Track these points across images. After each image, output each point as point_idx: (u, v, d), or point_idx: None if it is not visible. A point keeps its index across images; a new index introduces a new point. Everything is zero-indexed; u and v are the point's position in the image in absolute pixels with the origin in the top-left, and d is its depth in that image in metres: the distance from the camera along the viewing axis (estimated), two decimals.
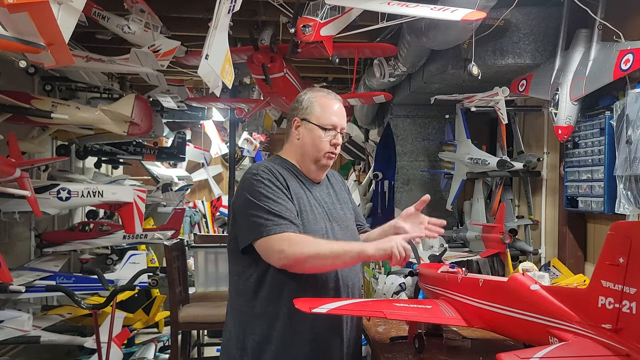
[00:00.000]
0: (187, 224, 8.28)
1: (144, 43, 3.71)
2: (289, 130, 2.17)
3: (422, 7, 2.72)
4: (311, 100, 2.11)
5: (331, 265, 1.95)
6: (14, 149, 3.75)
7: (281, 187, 1.99)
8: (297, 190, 2.04)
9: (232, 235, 2.05)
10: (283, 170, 2.06)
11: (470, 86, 3.71)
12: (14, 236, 4.84)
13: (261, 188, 1.95)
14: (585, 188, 2.96)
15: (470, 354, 2.10)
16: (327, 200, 2.15)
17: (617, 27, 2.72)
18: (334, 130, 2.09)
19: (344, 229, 2.15)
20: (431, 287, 2.29)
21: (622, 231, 1.37)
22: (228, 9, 2.43)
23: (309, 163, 2.11)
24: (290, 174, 2.08)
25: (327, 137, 2.08)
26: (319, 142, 2.07)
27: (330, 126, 2.08)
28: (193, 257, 5.13)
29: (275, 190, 1.96)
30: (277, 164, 2.09)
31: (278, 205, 1.93)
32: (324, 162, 2.11)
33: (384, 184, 5.00)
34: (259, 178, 1.97)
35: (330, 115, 2.09)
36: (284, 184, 2.01)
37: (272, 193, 1.95)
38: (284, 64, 3.91)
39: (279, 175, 2.01)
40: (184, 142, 6.73)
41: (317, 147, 2.08)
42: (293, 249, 1.86)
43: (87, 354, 4.61)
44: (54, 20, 2.07)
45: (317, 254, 1.87)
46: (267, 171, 2.00)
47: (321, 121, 2.08)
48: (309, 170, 2.13)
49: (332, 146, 2.09)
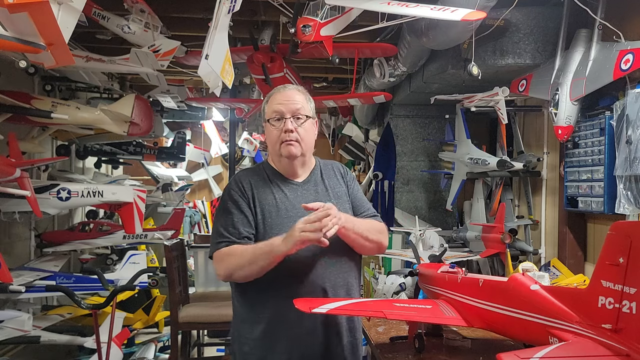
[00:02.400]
0: (187, 224, 8.27)
1: (144, 43, 3.70)
2: None
3: (422, 7, 2.72)
4: (266, 101, 2.13)
5: (252, 271, 1.90)
6: (14, 149, 3.75)
7: (238, 198, 2.02)
8: (264, 196, 2.04)
9: None
10: (254, 178, 2.09)
11: (470, 86, 3.71)
12: (14, 236, 4.84)
13: (222, 203, 2.06)
14: (585, 188, 2.96)
15: (470, 354, 2.10)
16: (309, 200, 2.00)
17: (617, 27, 2.72)
18: (281, 118, 2.04)
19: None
20: (431, 287, 2.29)
21: (622, 231, 1.37)
22: (228, 9, 2.43)
23: (277, 159, 2.12)
24: (263, 179, 2.09)
25: (277, 127, 2.05)
26: (272, 135, 2.07)
27: (275, 115, 2.05)
28: (193, 257, 5.13)
29: (228, 204, 2.03)
30: (253, 172, 2.14)
31: (227, 220, 2.00)
32: (284, 152, 2.05)
33: (384, 184, 5.00)
34: (226, 192, 2.08)
35: (273, 106, 2.07)
36: (248, 194, 2.03)
37: (225, 208, 2.03)
38: (284, 64, 3.91)
39: (246, 186, 2.05)
40: (184, 142, 6.73)
41: (272, 141, 2.08)
42: (221, 266, 1.97)
43: (87, 354, 4.60)
44: (54, 20, 2.07)
45: (237, 264, 1.93)
46: (233, 182, 2.08)
47: (268, 116, 2.09)
48: (283, 167, 2.11)
49: (285, 133, 2.02)
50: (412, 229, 3.86)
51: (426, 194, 5.08)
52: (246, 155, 9.31)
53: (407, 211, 4.91)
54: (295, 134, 2.03)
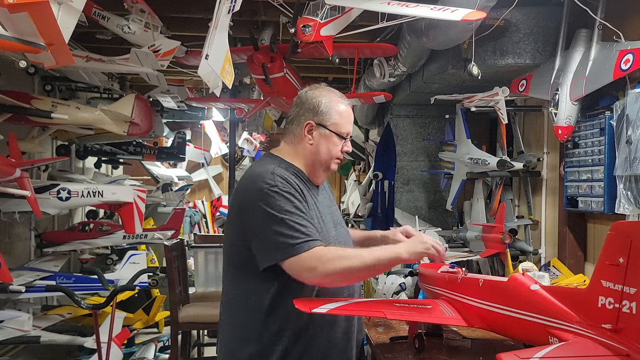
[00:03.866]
0: (187, 224, 8.27)
1: (144, 43, 3.70)
2: (295, 131, 2.06)
3: (422, 7, 2.72)
4: (329, 106, 2.03)
5: (364, 276, 1.96)
6: (14, 149, 3.75)
7: (300, 199, 1.90)
8: (309, 199, 1.98)
9: (241, 249, 1.91)
10: (295, 179, 1.96)
11: (470, 86, 3.71)
12: (14, 236, 4.84)
13: (281, 202, 1.84)
14: (585, 188, 2.96)
15: (470, 354, 2.10)
16: (327, 204, 2.12)
17: (617, 27, 2.72)
18: (347, 138, 2.09)
19: (344, 231, 2.15)
20: (431, 287, 2.29)
21: (622, 231, 1.37)
22: (228, 9, 2.43)
23: (318, 169, 2.06)
24: (300, 181, 1.99)
25: (339, 144, 2.06)
26: (334, 150, 2.04)
27: (346, 135, 2.07)
28: (193, 257, 5.13)
29: (296, 203, 1.87)
30: (287, 171, 1.97)
31: (302, 219, 1.84)
32: (333, 167, 2.09)
33: (384, 184, 4.99)
34: (278, 190, 1.86)
35: (347, 124, 2.07)
36: (301, 195, 1.92)
37: (293, 207, 1.85)
38: (284, 64, 3.91)
39: (296, 186, 1.93)
40: (184, 142, 6.73)
41: (330, 154, 2.04)
42: (325, 267, 1.79)
43: (87, 354, 4.61)
44: (54, 20, 2.07)
45: (349, 267, 1.81)
46: (284, 182, 1.89)
47: (339, 129, 2.04)
48: (316, 175, 2.07)
49: (342, 153, 2.08)
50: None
51: (426, 194, 5.08)
52: (246, 155, 9.30)
53: (407, 211, 4.91)
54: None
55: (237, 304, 1.97)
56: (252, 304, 1.92)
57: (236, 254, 1.97)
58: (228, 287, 2.03)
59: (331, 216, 2.10)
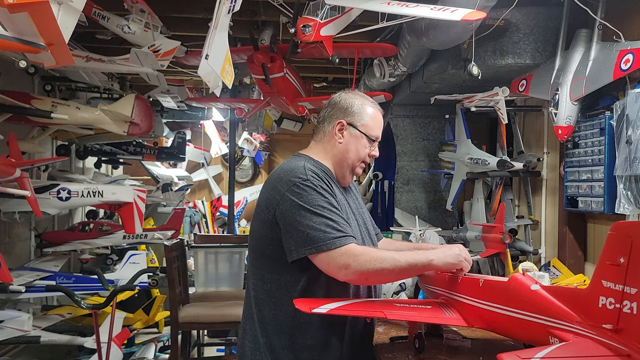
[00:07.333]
0: (187, 224, 8.25)
1: (144, 43, 3.70)
2: (326, 129, 2.08)
3: (422, 7, 2.72)
4: (361, 107, 2.07)
5: (395, 278, 1.99)
6: (14, 149, 3.75)
7: (332, 195, 1.91)
8: (339, 197, 1.98)
9: (270, 242, 1.92)
10: (325, 176, 1.97)
11: (470, 86, 3.71)
12: (14, 236, 4.84)
13: (314, 196, 1.85)
14: (585, 188, 2.96)
15: (470, 354, 2.10)
16: (356, 206, 2.15)
17: (617, 27, 2.72)
18: (376, 142, 2.11)
19: (372, 234, 2.17)
20: (431, 287, 2.29)
21: (623, 231, 1.37)
22: (228, 9, 2.43)
23: (345, 169, 2.08)
24: (331, 180, 2.00)
25: (367, 147, 2.08)
26: (362, 151, 2.06)
27: (376, 138, 2.10)
28: (193, 257, 5.13)
29: (330, 199, 1.88)
30: (321, 171, 1.97)
31: (335, 215, 1.85)
32: (358, 171, 2.11)
33: (384, 184, 5.00)
34: (311, 185, 1.86)
35: (377, 128, 2.10)
36: (333, 191, 1.93)
37: (326, 202, 1.86)
38: (284, 64, 3.91)
39: (328, 182, 1.94)
40: (184, 142, 6.73)
41: (358, 155, 2.06)
42: (359, 265, 1.79)
43: (87, 354, 4.60)
44: (54, 20, 2.07)
45: (382, 269, 1.82)
46: (317, 177, 1.90)
47: (370, 132, 2.07)
48: (343, 175, 2.09)
49: (369, 157, 2.10)
50: (412, 229, 3.86)
51: (426, 194, 5.08)
52: (246, 155, 9.29)
53: (407, 211, 4.91)
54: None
55: (266, 298, 1.97)
56: (280, 297, 1.93)
57: (265, 248, 1.96)
58: (256, 282, 2.00)
59: (362, 218, 2.12)
